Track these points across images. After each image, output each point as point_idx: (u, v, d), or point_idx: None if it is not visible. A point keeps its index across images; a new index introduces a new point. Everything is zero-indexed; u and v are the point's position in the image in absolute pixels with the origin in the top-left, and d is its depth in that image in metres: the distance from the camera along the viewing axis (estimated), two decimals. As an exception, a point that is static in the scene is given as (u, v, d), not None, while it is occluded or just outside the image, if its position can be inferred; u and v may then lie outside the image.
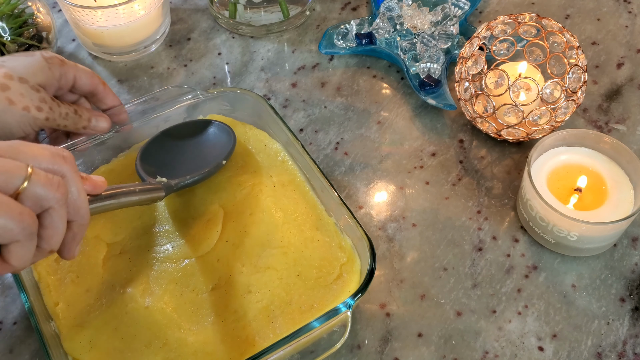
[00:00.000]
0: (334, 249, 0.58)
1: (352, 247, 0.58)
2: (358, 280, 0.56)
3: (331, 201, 0.60)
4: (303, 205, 0.61)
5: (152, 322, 0.55)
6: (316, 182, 0.62)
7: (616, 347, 0.57)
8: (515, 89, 0.64)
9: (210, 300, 0.56)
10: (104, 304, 0.56)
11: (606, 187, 0.62)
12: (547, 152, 0.64)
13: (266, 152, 0.66)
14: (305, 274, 0.57)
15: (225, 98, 0.68)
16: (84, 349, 0.54)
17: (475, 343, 0.58)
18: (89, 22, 0.74)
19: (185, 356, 0.53)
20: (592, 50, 0.78)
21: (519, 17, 0.66)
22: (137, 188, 0.54)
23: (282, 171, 0.64)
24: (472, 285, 0.61)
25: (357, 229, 0.56)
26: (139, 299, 0.56)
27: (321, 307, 0.55)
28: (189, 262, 0.58)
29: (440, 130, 0.72)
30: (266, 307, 0.55)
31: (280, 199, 0.62)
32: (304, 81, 0.77)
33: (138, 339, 0.54)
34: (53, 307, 0.56)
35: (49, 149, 0.44)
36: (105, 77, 0.78)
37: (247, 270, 0.57)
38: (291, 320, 0.55)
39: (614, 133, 0.71)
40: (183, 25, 0.83)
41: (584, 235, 0.59)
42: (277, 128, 0.65)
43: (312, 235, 0.59)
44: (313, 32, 0.82)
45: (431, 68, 0.74)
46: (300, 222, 0.60)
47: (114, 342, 0.54)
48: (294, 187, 0.63)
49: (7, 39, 0.71)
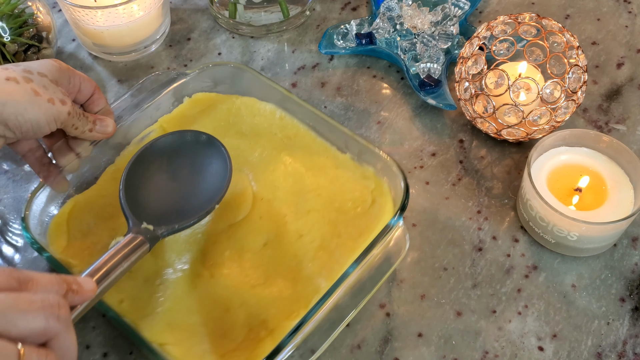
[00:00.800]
0: (359, 180, 0.62)
1: (374, 173, 0.62)
2: (391, 200, 0.60)
3: (341, 138, 0.64)
4: (316, 151, 0.65)
5: (222, 289, 0.57)
6: (321, 126, 0.65)
7: (616, 347, 0.57)
8: (515, 89, 0.64)
9: (268, 254, 0.59)
10: (168, 287, 0.57)
11: (606, 187, 0.62)
12: (547, 152, 0.64)
13: (261, 114, 0.67)
14: (343, 207, 0.61)
15: (207, 75, 0.69)
16: (165, 333, 0.55)
17: (475, 343, 0.58)
18: (89, 22, 0.74)
19: (267, 307, 0.56)
20: (592, 50, 0.78)
21: (519, 17, 0.66)
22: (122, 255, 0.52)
23: (283, 127, 0.67)
24: (472, 285, 0.61)
25: (374, 153, 0.61)
26: (203, 273, 0.58)
27: (368, 231, 0.59)
28: (234, 227, 0.61)
29: (440, 130, 0.72)
30: (321, 245, 0.59)
31: (293, 150, 0.65)
32: (304, 81, 0.77)
33: (215, 308, 0.56)
34: (118, 305, 0.56)
35: (44, 306, 0.40)
36: (105, 77, 0.78)
37: (291, 218, 0.61)
38: (348, 250, 0.58)
39: (614, 133, 0.71)
40: (183, 25, 0.83)
41: (584, 235, 0.59)
42: (266, 90, 0.67)
43: (335, 174, 0.63)
44: (313, 32, 0.82)
45: (431, 68, 0.74)
46: (320, 166, 0.64)
47: (192, 317, 0.56)
48: (300, 138, 0.66)
49: (7, 39, 0.71)
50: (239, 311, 0.56)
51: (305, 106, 0.65)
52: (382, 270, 0.57)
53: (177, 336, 0.54)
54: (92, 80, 0.61)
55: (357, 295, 0.56)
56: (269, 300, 0.56)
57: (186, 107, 0.69)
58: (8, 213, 0.67)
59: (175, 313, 0.56)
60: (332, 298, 0.53)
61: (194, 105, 0.69)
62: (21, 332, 0.39)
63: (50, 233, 0.60)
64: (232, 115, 0.68)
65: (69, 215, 0.61)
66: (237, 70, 0.68)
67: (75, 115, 0.57)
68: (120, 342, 0.59)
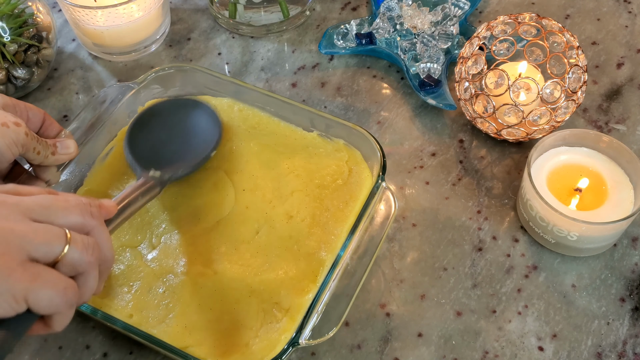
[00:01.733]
0: (332, 154, 0.65)
1: (344, 144, 0.65)
2: (366, 166, 0.64)
3: (305, 118, 0.66)
4: (283, 135, 0.67)
5: (228, 282, 0.58)
6: (282, 110, 0.67)
7: (616, 347, 0.57)
8: (515, 89, 0.64)
9: (263, 240, 0.60)
10: (174, 292, 0.58)
11: (606, 187, 0.62)
12: (547, 152, 0.64)
13: (219, 111, 0.67)
14: (323, 182, 0.63)
15: (155, 81, 0.69)
16: (184, 336, 0.55)
17: (475, 343, 0.58)
18: (89, 22, 0.74)
19: (277, 289, 0.57)
20: (592, 50, 0.78)
21: (519, 17, 0.66)
22: (137, 193, 0.56)
23: (245, 118, 0.68)
24: (472, 285, 0.61)
25: (340, 124, 0.64)
26: (205, 271, 0.59)
27: (354, 199, 0.62)
28: (222, 222, 0.61)
29: (440, 130, 0.72)
30: (313, 222, 0.61)
31: (261, 138, 0.66)
32: (304, 81, 0.77)
33: (225, 302, 0.57)
34: (129, 320, 0.56)
35: (78, 204, 0.46)
36: (105, 77, 0.78)
37: (277, 202, 0.62)
38: (340, 220, 0.61)
39: (614, 133, 0.71)
40: (183, 25, 0.83)
41: (584, 235, 0.59)
42: (219, 85, 0.69)
43: (307, 153, 0.65)
44: (313, 32, 0.82)
45: (431, 68, 0.74)
46: (291, 148, 0.66)
47: (206, 315, 0.56)
48: (264, 125, 0.68)
49: (7, 39, 0.71)
50: (250, 300, 0.57)
51: (262, 93, 0.67)
52: (380, 232, 0.58)
53: (197, 337, 0.55)
54: (40, 109, 0.59)
55: (362, 258, 0.57)
56: (276, 284, 0.57)
57: None
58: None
59: (188, 315, 0.56)
60: (341, 262, 0.56)
61: None
62: (62, 225, 0.44)
63: None
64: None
65: None
66: (184, 72, 0.69)
67: (34, 138, 0.55)
68: (120, 342, 0.59)
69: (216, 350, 0.55)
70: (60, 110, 0.75)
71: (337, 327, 0.53)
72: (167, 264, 0.59)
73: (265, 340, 0.55)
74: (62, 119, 0.74)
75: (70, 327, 0.59)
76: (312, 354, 0.57)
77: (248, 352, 0.55)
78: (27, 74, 0.73)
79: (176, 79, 0.70)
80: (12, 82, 0.73)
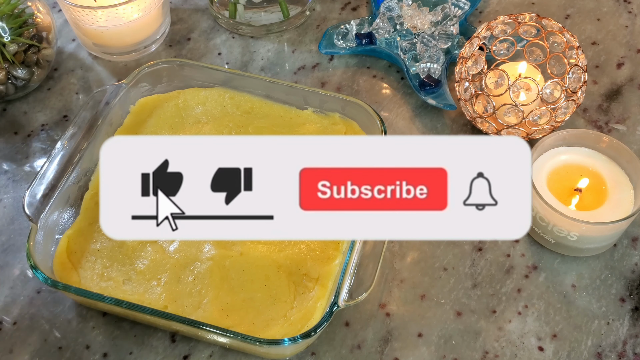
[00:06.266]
0: (329, 127, 0.66)
1: (340, 117, 0.67)
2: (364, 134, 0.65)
3: (298, 96, 0.67)
4: (279, 116, 0.68)
5: (255, 260, 0.59)
6: (274, 92, 0.68)
7: (616, 347, 0.57)
8: (515, 89, 0.64)
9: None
10: (204, 278, 0.58)
11: (606, 187, 0.62)
12: (547, 152, 0.64)
13: (210, 100, 0.68)
14: None
15: (141, 80, 0.69)
16: (223, 318, 0.56)
17: (475, 343, 0.58)
18: (89, 22, 0.74)
19: (302, 262, 0.59)
20: (592, 50, 0.78)
21: (519, 17, 0.66)
22: None
23: (237, 105, 0.69)
24: (472, 285, 0.61)
25: (334, 97, 0.65)
26: (230, 254, 0.59)
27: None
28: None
29: (440, 130, 0.72)
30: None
31: (257, 122, 0.67)
32: (304, 81, 0.77)
33: (255, 280, 0.58)
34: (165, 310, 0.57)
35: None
36: (105, 77, 0.78)
37: None
38: None
39: (614, 133, 0.71)
40: (183, 25, 0.83)
41: (584, 235, 0.59)
42: (206, 76, 0.69)
43: (306, 130, 0.66)
44: (313, 32, 0.82)
45: (431, 68, 0.74)
46: (289, 127, 0.67)
47: (239, 296, 0.57)
48: (258, 109, 0.68)
49: (7, 39, 0.71)
50: (279, 274, 0.58)
51: (251, 77, 0.68)
52: None
53: (234, 317, 0.56)
54: None
55: None
56: (301, 256, 0.59)
57: (134, 116, 0.69)
58: (8, 213, 0.67)
59: (222, 298, 0.57)
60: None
61: (140, 112, 0.69)
62: None
63: (59, 274, 0.59)
64: (181, 109, 0.69)
65: (68, 252, 0.60)
66: (169, 66, 0.70)
67: None
68: (120, 342, 0.59)
69: (256, 327, 0.56)
70: (60, 110, 0.75)
71: (371, 287, 0.54)
72: (190, 253, 0.60)
73: (302, 310, 0.57)
74: (62, 119, 0.74)
75: (70, 327, 0.59)
76: (312, 354, 0.57)
77: (287, 323, 0.56)
78: (27, 74, 0.73)
79: (163, 75, 0.70)
80: (12, 82, 0.73)
